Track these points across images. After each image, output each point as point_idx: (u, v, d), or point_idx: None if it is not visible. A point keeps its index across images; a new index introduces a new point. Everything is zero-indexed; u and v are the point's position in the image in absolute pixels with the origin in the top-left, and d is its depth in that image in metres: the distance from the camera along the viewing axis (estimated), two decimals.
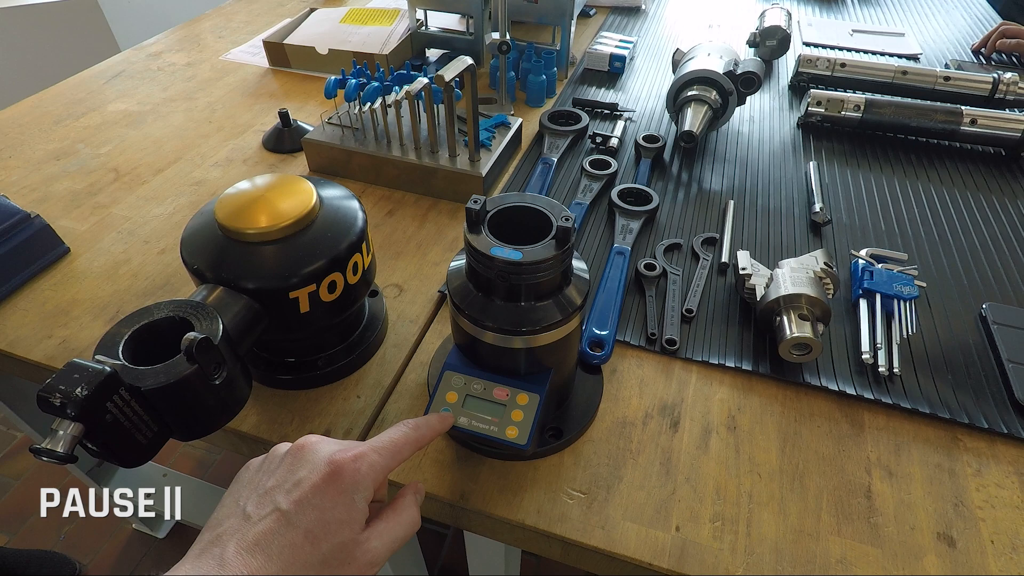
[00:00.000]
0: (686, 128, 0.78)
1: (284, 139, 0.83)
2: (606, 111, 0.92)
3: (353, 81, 0.74)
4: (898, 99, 0.92)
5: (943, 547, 0.43)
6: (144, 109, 0.93)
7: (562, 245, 0.37)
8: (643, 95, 0.98)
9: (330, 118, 0.78)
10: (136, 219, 0.71)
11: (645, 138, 0.83)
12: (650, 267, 0.63)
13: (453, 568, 1.25)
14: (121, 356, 0.37)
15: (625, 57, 1.03)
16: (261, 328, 0.44)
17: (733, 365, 0.55)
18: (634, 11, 1.30)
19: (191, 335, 0.36)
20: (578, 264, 0.43)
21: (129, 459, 0.36)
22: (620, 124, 0.88)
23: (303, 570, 0.30)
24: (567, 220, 0.37)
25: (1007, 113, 0.84)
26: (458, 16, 1.09)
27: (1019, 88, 0.90)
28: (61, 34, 1.78)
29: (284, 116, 0.82)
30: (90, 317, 0.59)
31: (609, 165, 0.77)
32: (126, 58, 1.09)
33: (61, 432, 0.32)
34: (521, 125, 0.82)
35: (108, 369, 0.33)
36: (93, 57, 1.29)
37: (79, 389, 0.32)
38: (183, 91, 0.98)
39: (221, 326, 0.39)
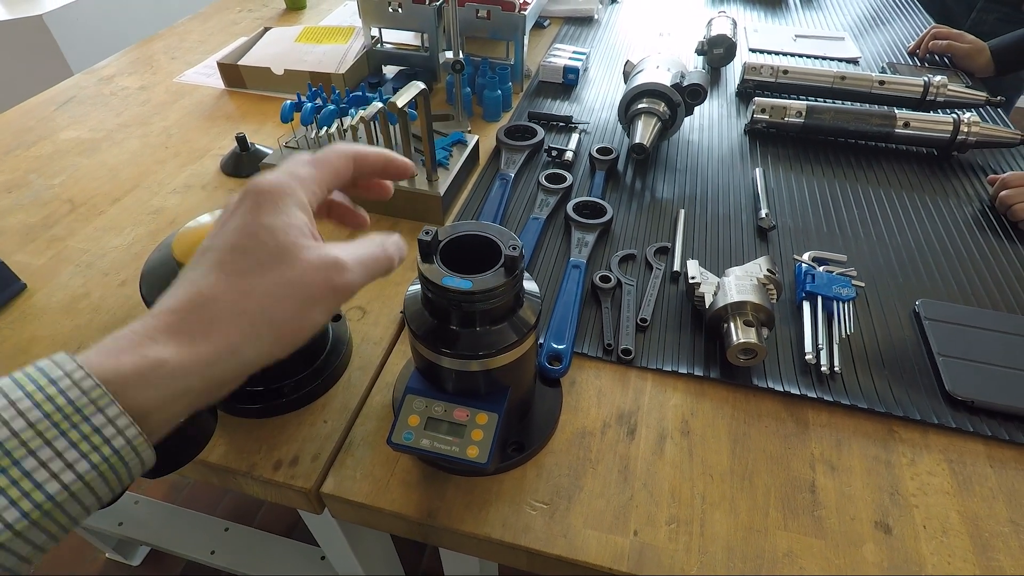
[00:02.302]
0: (637, 140, 0.81)
1: (242, 163, 0.83)
2: (561, 124, 0.95)
3: (309, 105, 0.75)
4: (837, 104, 0.96)
5: (880, 534, 0.47)
6: (98, 136, 0.92)
7: (511, 273, 0.39)
8: (597, 106, 1.01)
9: (287, 142, 0.79)
10: (94, 251, 0.71)
11: (599, 150, 0.85)
12: (605, 279, 0.65)
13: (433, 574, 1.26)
14: None
15: (578, 69, 1.05)
16: None
17: (686, 371, 0.58)
18: (587, 21, 1.33)
19: None
20: (529, 286, 0.45)
21: None
22: (575, 137, 0.90)
23: (234, 281, 0.28)
24: (514, 248, 0.39)
25: (936, 115, 0.89)
26: (413, 32, 1.10)
27: (948, 90, 0.95)
28: (6, 56, 1.73)
29: (241, 140, 0.82)
30: (50, 354, 0.58)
31: (564, 179, 0.79)
32: (77, 83, 1.08)
33: None
34: (478, 142, 0.83)
35: None
36: (43, 78, 1.26)
37: None
38: (137, 116, 0.97)
39: None
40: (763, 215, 0.75)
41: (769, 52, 1.21)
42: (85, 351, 0.26)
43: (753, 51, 1.21)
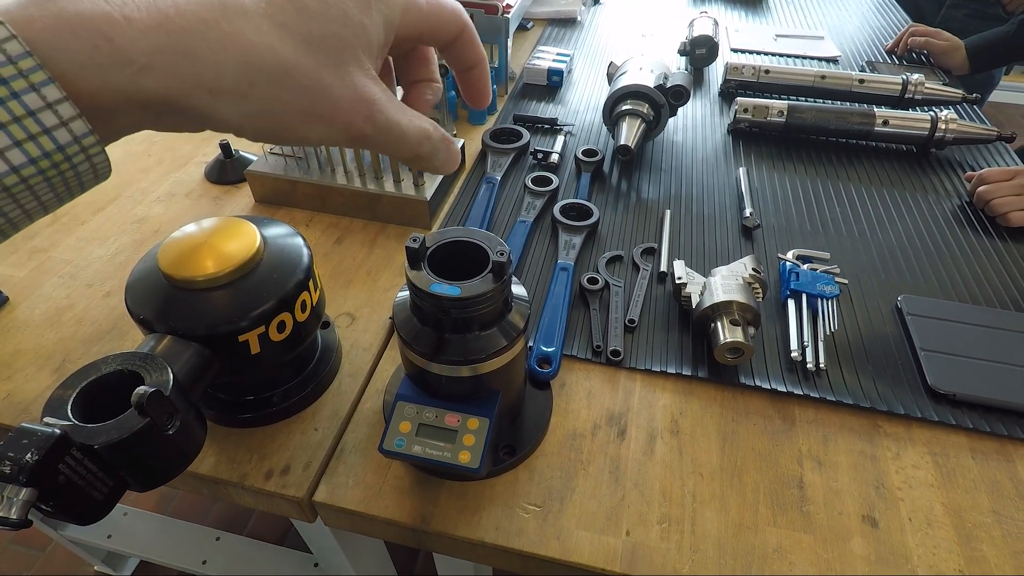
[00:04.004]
0: (622, 142, 0.81)
1: (227, 170, 0.83)
2: (546, 126, 0.95)
3: None
4: (818, 103, 0.98)
5: (867, 528, 0.48)
6: None
7: (499, 278, 0.40)
8: (582, 107, 1.02)
9: (272, 148, 0.79)
10: (77, 262, 0.70)
11: (584, 152, 0.86)
12: (593, 281, 0.65)
13: None
14: (71, 415, 0.37)
15: (562, 71, 1.06)
16: (212, 373, 0.44)
17: (674, 371, 0.58)
18: (570, 22, 1.33)
19: (141, 389, 0.36)
20: (517, 290, 0.45)
21: (85, 516, 0.37)
22: (560, 139, 0.91)
23: (276, 30, 0.23)
24: (502, 254, 0.40)
25: (914, 113, 0.90)
26: None
27: (925, 88, 0.97)
28: None
29: (225, 147, 0.82)
30: (35, 368, 0.58)
31: (551, 181, 0.80)
32: None
33: (13, 498, 0.33)
34: (464, 146, 0.83)
35: (58, 431, 0.34)
36: None
37: (29, 455, 0.32)
38: None
39: (171, 376, 0.40)
40: (747, 214, 0.76)
41: (751, 52, 1.22)
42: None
43: (735, 51, 1.22)
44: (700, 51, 1.14)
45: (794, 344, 0.59)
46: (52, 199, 0.22)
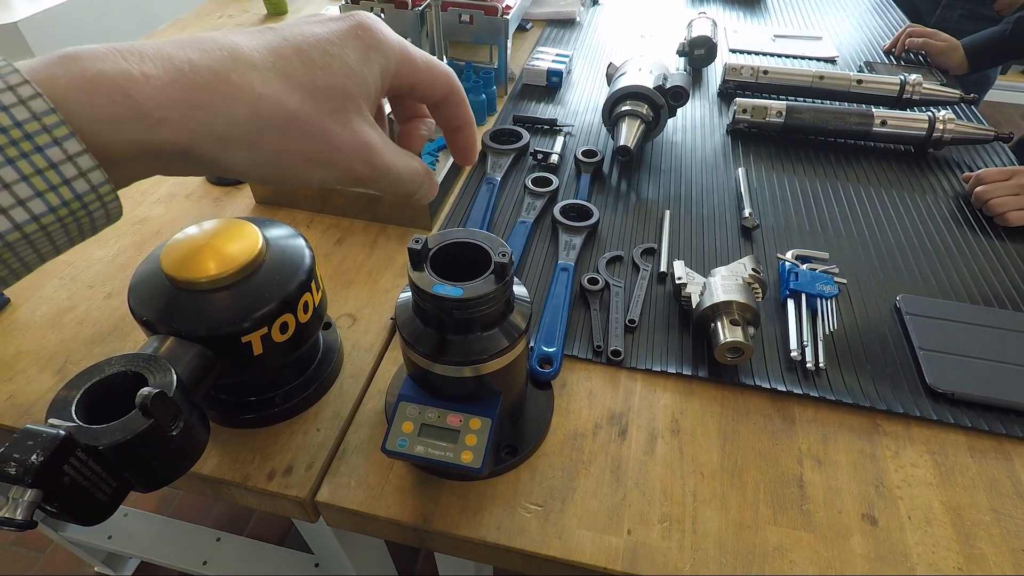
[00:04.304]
0: (621, 143, 0.82)
1: None
2: (546, 127, 0.95)
3: None
4: (816, 104, 0.98)
5: (867, 526, 0.48)
6: None
7: (501, 279, 0.40)
8: (581, 108, 1.02)
9: None
10: (78, 263, 0.70)
11: (584, 153, 0.86)
12: (593, 281, 0.66)
13: None
14: (75, 416, 0.37)
15: (562, 71, 1.06)
16: (215, 374, 0.44)
17: (675, 371, 0.58)
18: (569, 23, 1.34)
19: (145, 390, 0.36)
20: (519, 291, 0.46)
21: (89, 517, 0.37)
22: (560, 139, 0.91)
23: (280, 79, 0.24)
24: (504, 255, 0.40)
25: (912, 113, 0.90)
26: None
27: (923, 88, 0.97)
28: None
29: None
30: (36, 369, 0.58)
31: (551, 182, 0.80)
32: None
33: (18, 499, 0.33)
34: None
35: (63, 433, 0.34)
36: None
37: (34, 456, 0.33)
38: None
39: (175, 377, 0.40)
40: (747, 214, 0.77)
41: (749, 52, 1.22)
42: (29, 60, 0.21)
43: (733, 51, 1.23)
44: (699, 52, 1.14)
45: (794, 344, 0.60)
46: (65, 243, 0.23)
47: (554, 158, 0.86)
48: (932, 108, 0.98)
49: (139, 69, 0.22)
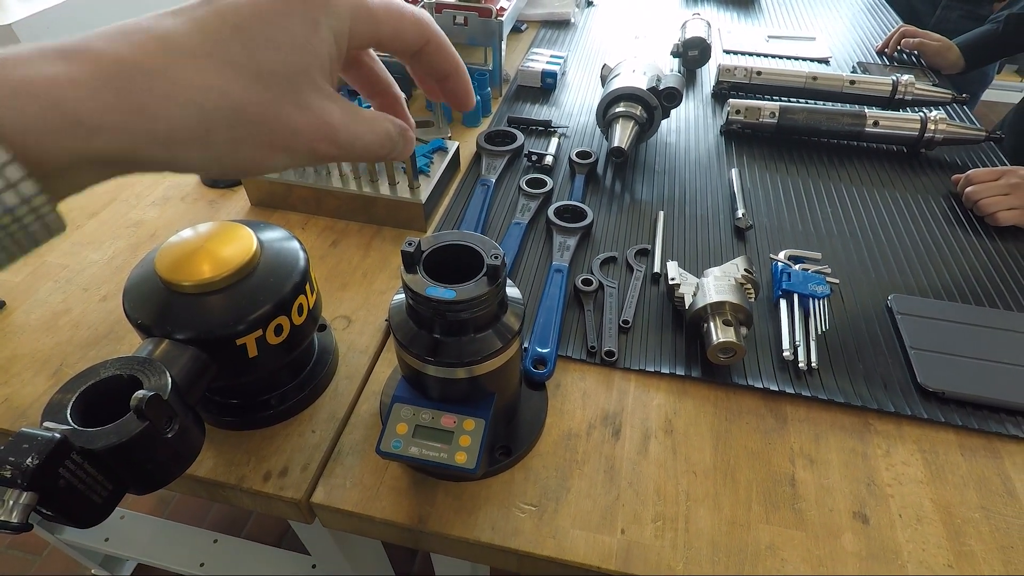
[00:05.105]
0: (615, 144, 0.82)
1: None
2: (540, 128, 0.96)
3: None
4: (809, 105, 0.98)
5: (858, 524, 0.48)
6: None
7: (493, 281, 0.40)
8: (576, 109, 1.02)
9: None
10: (73, 266, 0.70)
11: (578, 154, 0.86)
12: (587, 282, 0.66)
13: None
14: (70, 419, 0.37)
15: (556, 73, 1.06)
16: (210, 376, 0.45)
17: (668, 371, 0.59)
18: (564, 24, 1.34)
19: (140, 393, 0.37)
20: (512, 292, 0.46)
21: (85, 520, 0.37)
22: (554, 141, 0.91)
23: (220, 69, 0.22)
24: (496, 257, 0.40)
25: (904, 114, 0.91)
26: None
27: (915, 89, 0.98)
28: None
29: None
30: (32, 372, 0.58)
31: (545, 183, 0.80)
32: None
33: (13, 502, 0.33)
34: (458, 149, 0.84)
35: (58, 436, 0.34)
36: None
37: (30, 459, 0.33)
38: None
39: (170, 380, 0.40)
40: (740, 215, 0.77)
41: (743, 53, 1.23)
42: None
43: (727, 52, 1.23)
44: (693, 53, 1.14)
45: (786, 344, 0.60)
46: (2, 258, 0.21)
47: (548, 159, 0.86)
48: (924, 109, 0.99)
49: (66, 73, 0.20)
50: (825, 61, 1.20)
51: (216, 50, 0.22)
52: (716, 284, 0.60)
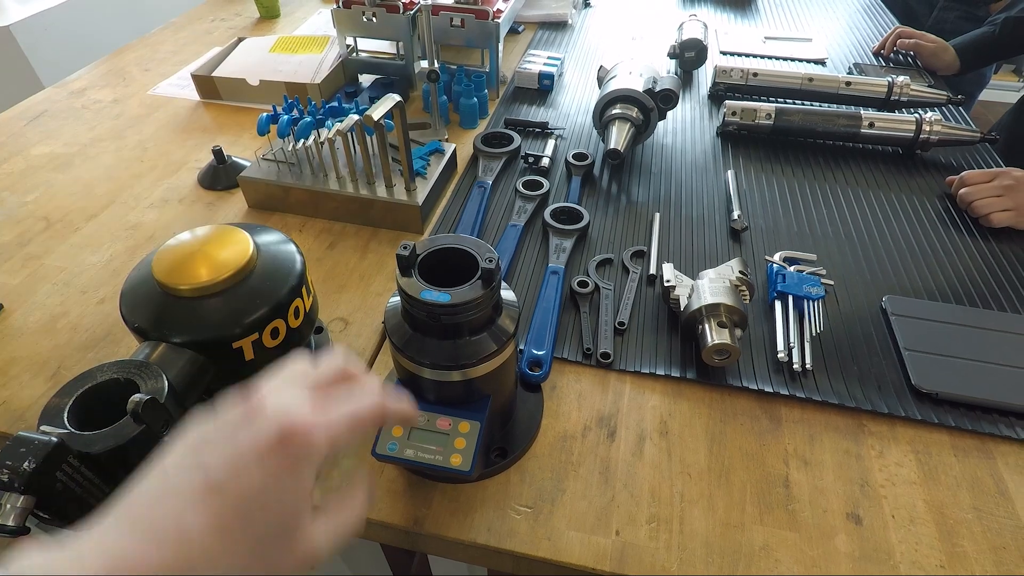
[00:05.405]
0: (611, 146, 0.82)
1: (220, 176, 0.83)
2: (537, 130, 0.96)
3: (285, 117, 0.75)
4: (805, 106, 0.99)
5: (851, 525, 0.49)
6: (71, 151, 0.91)
7: (488, 284, 0.40)
8: (572, 110, 1.02)
9: (265, 154, 0.79)
10: (71, 269, 0.70)
11: (575, 156, 0.87)
12: (583, 284, 0.66)
13: None
14: (67, 423, 0.38)
15: (553, 74, 1.07)
16: (207, 379, 0.45)
17: (663, 373, 0.59)
18: (561, 26, 1.34)
19: (137, 396, 0.37)
20: (507, 295, 0.46)
21: (82, 523, 0.37)
22: (551, 142, 0.92)
23: (228, 557, 0.24)
24: (491, 261, 0.40)
25: (900, 116, 0.91)
26: (388, 41, 1.10)
27: (911, 90, 0.98)
28: None
29: (218, 154, 0.82)
30: (30, 375, 0.58)
31: (541, 185, 0.81)
32: (48, 97, 1.06)
33: (11, 506, 0.33)
34: (455, 151, 0.84)
35: (55, 439, 0.35)
36: (12, 92, 1.24)
37: (26, 463, 0.33)
38: (111, 129, 0.97)
39: (166, 383, 0.41)
40: (735, 216, 0.77)
41: (739, 54, 1.23)
42: None
43: (724, 53, 1.23)
44: (689, 54, 1.15)
45: (780, 345, 0.60)
46: None
47: (545, 161, 0.87)
48: (920, 110, 0.99)
49: None
50: (821, 62, 1.20)
51: (225, 542, 0.25)
52: (711, 286, 0.60)
